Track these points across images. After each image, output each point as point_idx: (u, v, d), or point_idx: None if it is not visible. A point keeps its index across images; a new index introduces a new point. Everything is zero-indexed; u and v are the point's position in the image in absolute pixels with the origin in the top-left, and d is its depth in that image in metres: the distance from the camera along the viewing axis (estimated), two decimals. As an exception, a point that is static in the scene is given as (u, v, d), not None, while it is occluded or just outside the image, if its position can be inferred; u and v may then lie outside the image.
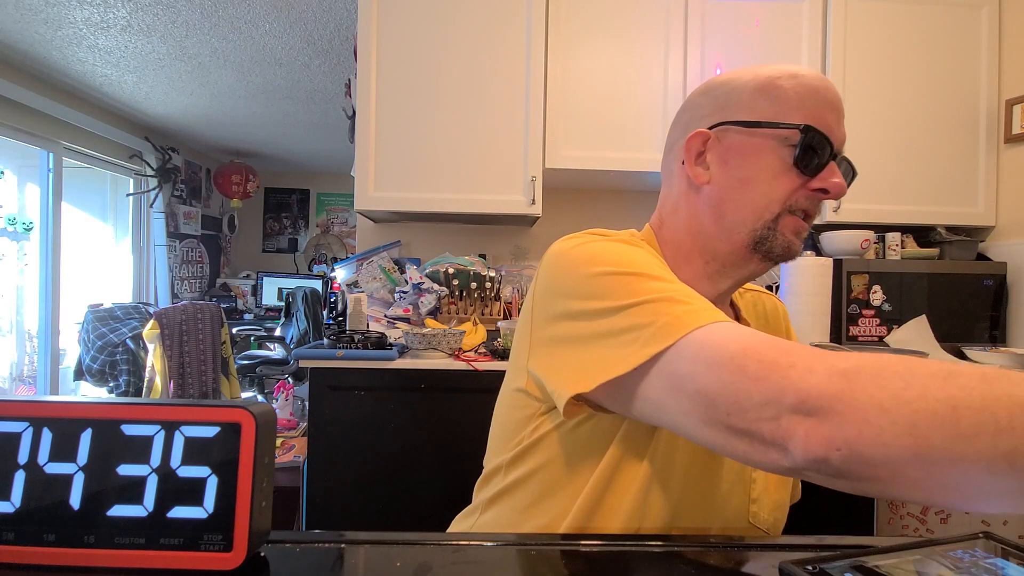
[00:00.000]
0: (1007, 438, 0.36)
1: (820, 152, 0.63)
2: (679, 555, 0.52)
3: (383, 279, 2.06)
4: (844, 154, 0.66)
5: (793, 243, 0.65)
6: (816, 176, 0.63)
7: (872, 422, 0.39)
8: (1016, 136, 1.99)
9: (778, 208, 0.64)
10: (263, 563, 0.46)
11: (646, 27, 1.97)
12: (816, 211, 0.67)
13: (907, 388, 0.39)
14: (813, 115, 0.63)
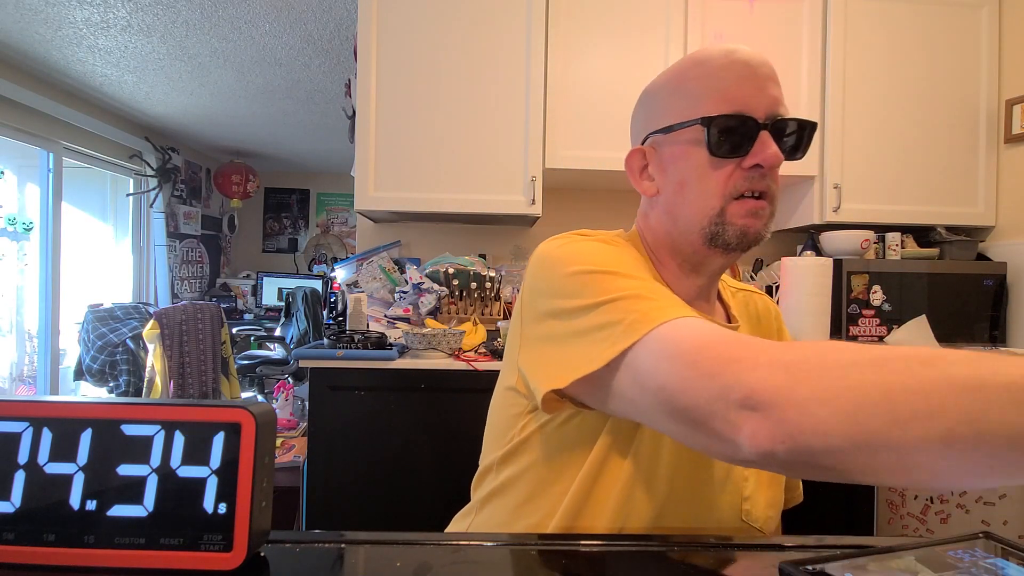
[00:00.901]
0: (940, 421, 0.36)
1: (737, 133, 0.62)
2: (679, 555, 0.52)
3: (383, 279, 2.06)
4: (780, 113, 0.64)
5: (749, 226, 0.64)
6: (748, 154, 0.63)
7: (813, 414, 0.39)
8: (1016, 136, 1.99)
9: (718, 202, 0.64)
10: (263, 563, 0.46)
11: (646, 26, 1.97)
12: (766, 185, 0.65)
13: (845, 377, 0.40)
14: (724, 97, 0.63)
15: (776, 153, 0.62)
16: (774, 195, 0.65)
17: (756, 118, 0.63)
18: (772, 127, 0.63)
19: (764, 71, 0.64)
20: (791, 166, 2.00)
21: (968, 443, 0.36)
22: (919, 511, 1.65)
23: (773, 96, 0.63)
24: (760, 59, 0.64)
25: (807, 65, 2.00)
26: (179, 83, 3.26)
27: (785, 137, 0.65)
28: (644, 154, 0.71)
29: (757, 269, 2.23)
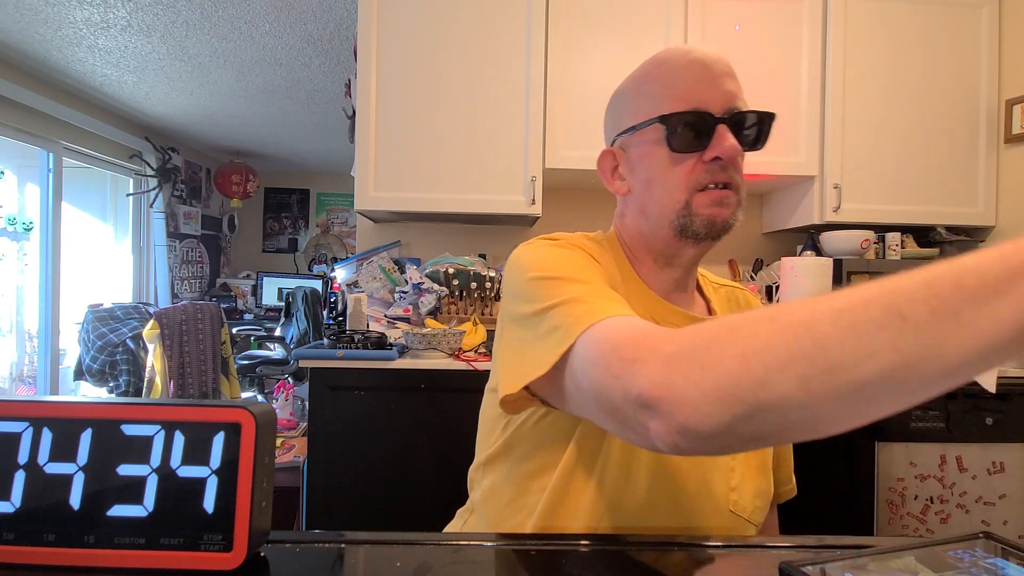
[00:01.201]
0: (791, 370, 0.37)
1: (695, 128, 0.66)
2: (679, 555, 0.52)
3: (383, 279, 2.06)
4: (737, 107, 0.66)
5: (716, 215, 0.67)
6: (708, 148, 0.66)
7: (692, 402, 0.41)
8: (1016, 136, 1.99)
9: (683, 195, 0.67)
10: (263, 563, 0.46)
11: (646, 27, 1.97)
12: (728, 176, 0.67)
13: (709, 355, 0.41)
14: (682, 96, 0.66)
15: (733, 145, 0.65)
16: (739, 184, 0.68)
17: (713, 113, 0.65)
18: (730, 121, 0.66)
19: (719, 68, 0.67)
20: (791, 166, 2.00)
21: (822, 381, 0.36)
22: (919, 511, 1.65)
23: (729, 91, 0.66)
24: (715, 57, 0.67)
25: (807, 65, 2.00)
26: (179, 83, 3.26)
27: (745, 129, 0.67)
28: (614, 155, 0.74)
29: (757, 269, 2.23)
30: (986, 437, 1.65)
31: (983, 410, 1.65)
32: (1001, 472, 1.65)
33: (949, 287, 0.34)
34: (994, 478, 1.65)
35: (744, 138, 0.67)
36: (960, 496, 1.65)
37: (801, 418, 0.39)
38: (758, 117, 0.68)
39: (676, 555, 0.52)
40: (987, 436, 1.65)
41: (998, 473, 1.65)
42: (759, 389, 0.38)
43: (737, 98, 0.67)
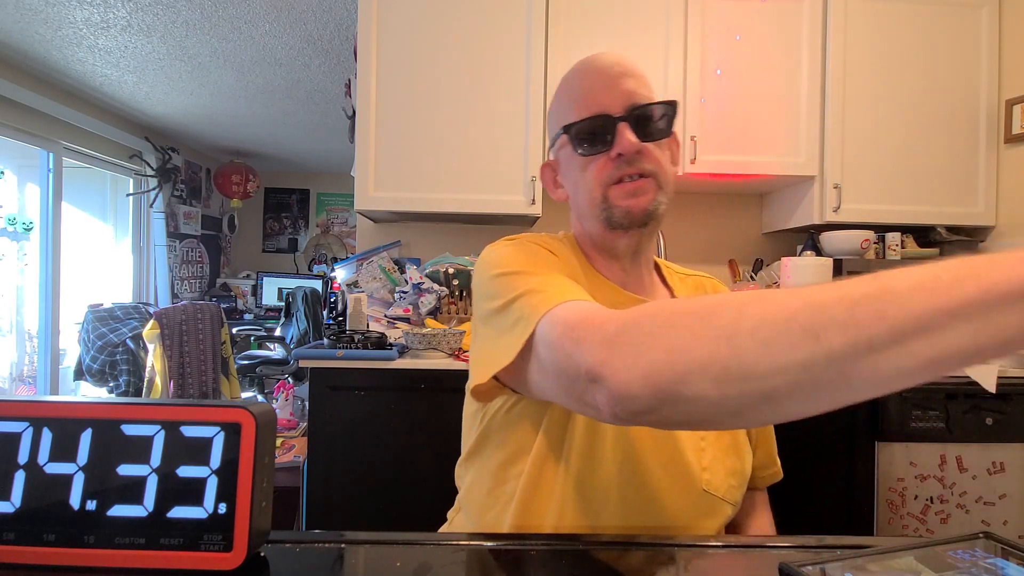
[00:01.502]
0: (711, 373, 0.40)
1: (597, 131, 0.71)
2: (679, 555, 0.52)
3: (383, 279, 2.06)
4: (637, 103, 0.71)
5: (632, 205, 0.71)
6: (612, 146, 0.71)
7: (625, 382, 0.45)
8: (1016, 136, 1.99)
9: (599, 191, 0.73)
10: (263, 563, 0.46)
11: (646, 27, 1.97)
12: (639, 167, 0.71)
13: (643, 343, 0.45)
14: (582, 105, 0.72)
15: (631, 141, 0.69)
16: (654, 173, 0.72)
17: (611, 114, 0.71)
18: (630, 117, 0.70)
19: (616, 70, 0.72)
20: (791, 166, 2.00)
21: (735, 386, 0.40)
22: (919, 511, 1.65)
23: (627, 90, 0.71)
24: (612, 61, 0.73)
25: (807, 65, 2.00)
26: (179, 83, 3.26)
27: (647, 121, 0.71)
28: (552, 166, 0.82)
29: (757, 269, 2.23)
30: (986, 437, 1.65)
31: (983, 410, 1.65)
32: (1001, 472, 1.65)
33: (870, 316, 0.36)
34: (994, 478, 1.65)
35: (650, 130, 0.71)
36: (960, 496, 1.65)
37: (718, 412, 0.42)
38: (658, 108, 0.72)
39: (676, 555, 0.52)
40: (987, 436, 1.65)
41: (998, 473, 1.65)
42: (679, 383, 0.42)
43: (636, 95, 0.71)
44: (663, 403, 0.43)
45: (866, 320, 0.36)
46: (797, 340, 0.37)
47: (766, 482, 0.85)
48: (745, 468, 0.75)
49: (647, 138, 0.71)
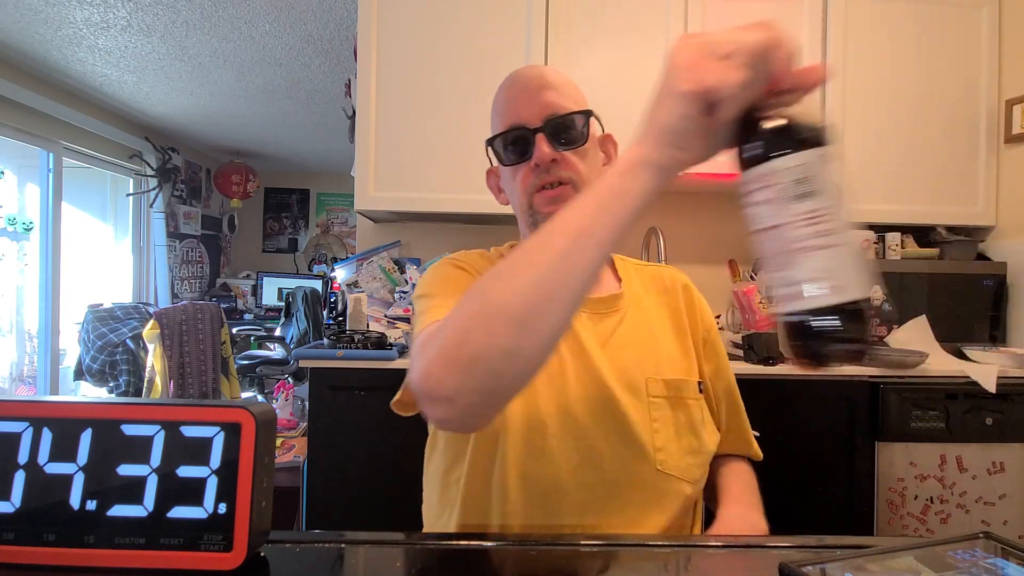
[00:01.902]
0: (479, 331, 0.48)
1: (514, 143, 0.76)
2: (680, 555, 0.52)
3: (383, 279, 2.06)
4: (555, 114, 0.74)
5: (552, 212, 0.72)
6: (532, 157, 0.75)
7: (427, 371, 0.50)
8: (1016, 136, 1.99)
9: (525, 199, 0.78)
10: (263, 563, 0.46)
11: (646, 27, 1.97)
12: (557, 175, 0.75)
13: (438, 334, 0.51)
14: (507, 116, 0.77)
15: (543, 152, 0.73)
16: (572, 179, 0.75)
17: (529, 125, 0.75)
18: (547, 128, 0.74)
19: (535, 83, 0.76)
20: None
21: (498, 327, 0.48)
22: (919, 511, 1.65)
23: (545, 101, 0.75)
24: (533, 74, 0.78)
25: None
26: (179, 83, 3.26)
27: (564, 130, 0.75)
28: (495, 174, 0.86)
29: (757, 269, 2.23)
30: (986, 437, 1.65)
31: (983, 410, 1.65)
32: (1001, 472, 1.65)
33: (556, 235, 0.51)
34: (994, 478, 1.65)
35: (567, 138, 0.75)
36: (960, 496, 1.65)
37: (501, 351, 0.48)
38: (573, 117, 0.75)
39: (676, 555, 0.52)
40: (987, 436, 1.65)
41: (998, 473, 1.65)
42: (462, 346, 0.48)
43: (555, 105, 0.75)
44: (460, 373, 0.48)
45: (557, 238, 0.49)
46: (522, 269, 0.49)
47: (758, 451, 0.89)
48: (705, 446, 0.78)
49: (565, 146, 0.75)
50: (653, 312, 0.83)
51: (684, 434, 0.75)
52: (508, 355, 0.48)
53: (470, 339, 0.48)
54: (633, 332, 0.79)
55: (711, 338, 0.84)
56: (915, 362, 1.69)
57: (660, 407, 0.75)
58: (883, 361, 1.68)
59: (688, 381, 0.78)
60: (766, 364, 1.68)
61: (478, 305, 0.50)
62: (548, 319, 0.48)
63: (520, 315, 0.47)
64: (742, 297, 1.97)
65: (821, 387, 1.67)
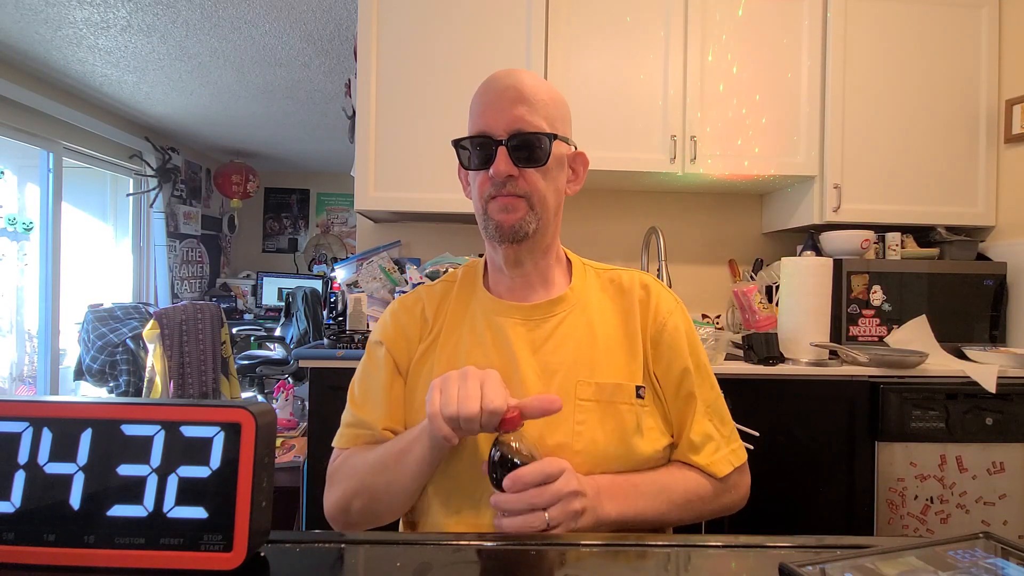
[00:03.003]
0: (360, 499, 0.77)
1: (477, 150, 0.78)
2: (680, 555, 0.52)
3: (383, 279, 2.06)
4: (520, 129, 0.76)
5: (502, 221, 0.78)
6: (491, 166, 0.76)
7: (327, 506, 0.80)
8: (1016, 136, 1.99)
9: (481, 204, 0.80)
10: (263, 563, 0.46)
11: (646, 27, 1.97)
12: (514, 188, 0.77)
13: (331, 485, 0.81)
14: (476, 122, 0.79)
15: (498, 169, 0.75)
16: (527, 195, 0.77)
17: (493, 136, 0.76)
18: (509, 143, 0.75)
19: (509, 94, 0.77)
20: (791, 166, 2.00)
21: (368, 503, 0.77)
22: (919, 511, 1.65)
23: (514, 115, 0.76)
24: (508, 84, 0.78)
25: (807, 65, 2.00)
26: (179, 83, 3.26)
27: (525, 148, 0.76)
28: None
29: (757, 269, 2.23)
30: (986, 437, 1.65)
31: (983, 410, 1.65)
32: (1001, 472, 1.65)
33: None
34: (994, 478, 1.65)
35: (527, 157, 0.76)
36: (960, 496, 1.65)
37: (371, 512, 0.77)
38: (538, 138, 0.76)
39: (676, 555, 0.52)
40: (987, 436, 1.65)
41: (998, 473, 1.65)
42: (348, 507, 0.77)
43: (522, 121, 0.76)
44: (344, 513, 0.77)
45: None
46: (382, 472, 0.75)
47: (719, 465, 0.79)
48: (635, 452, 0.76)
49: (525, 163, 0.76)
50: (600, 315, 0.82)
51: (610, 439, 0.75)
52: (377, 514, 0.77)
53: (353, 503, 0.76)
54: (570, 335, 0.80)
55: (663, 338, 0.81)
56: (915, 362, 1.69)
57: (587, 410, 0.76)
58: (883, 361, 1.68)
59: (624, 386, 0.77)
60: (766, 364, 1.68)
61: (358, 484, 0.76)
62: (397, 500, 0.76)
63: (381, 494, 0.75)
64: (742, 297, 1.97)
65: (821, 387, 1.67)
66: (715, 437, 0.80)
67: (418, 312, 0.86)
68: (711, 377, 0.84)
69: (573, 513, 0.65)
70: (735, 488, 0.81)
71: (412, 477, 0.73)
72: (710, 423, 0.80)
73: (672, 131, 1.96)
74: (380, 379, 0.82)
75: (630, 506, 0.72)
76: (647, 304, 0.84)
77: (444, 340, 0.83)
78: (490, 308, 0.83)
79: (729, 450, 0.80)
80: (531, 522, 0.63)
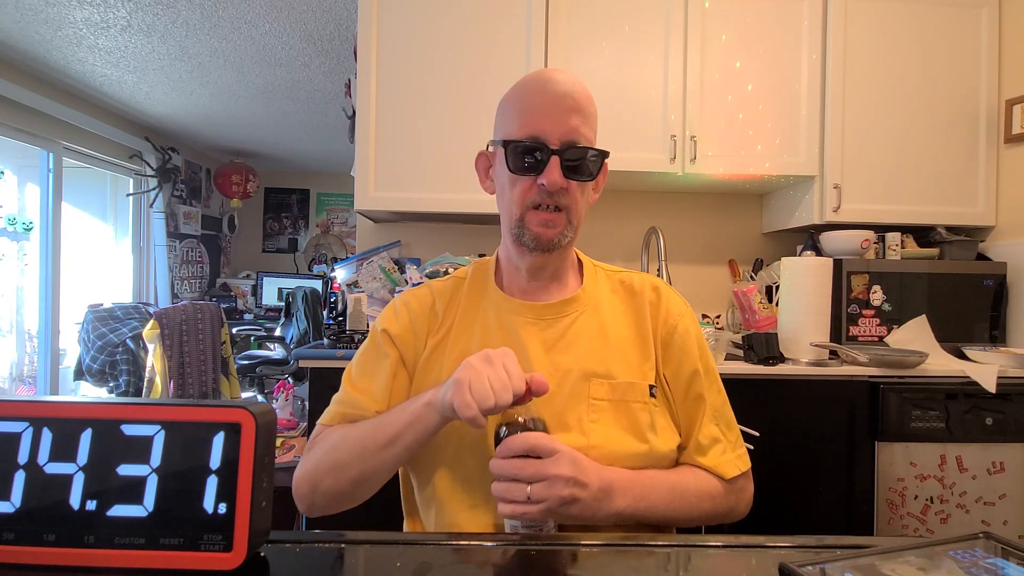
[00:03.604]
0: (329, 476, 0.75)
1: (531, 155, 0.75)
2: (680, 555, 0.52)
3: (383, 279, 2.06)
4: (575, 141, 0.75)
5: (541, 234, 0.77)
6: (541, 173, 0.75)
7: (296, 481, 0.77)
8: (1016, 136, 1.99)
9: (518, 210, 0.78)
10: (263, 563, 0.46)
11: (646, 27, 1.97)
12: (557, 200, 0.76)
13: (306, 459, 0.78)
14: (526, 123, 0.76)
15: (554, 180, 0.74)
16: (569, 208, 0.77)
17: (549, 144, 0.74)
18: (563, 154, 0.74)
19: (567, 103, 0.75)
20: (791, 166, 2.00)
21: (337, 478, 0.75)
22: (919, 511, 1.65)
23: (571, 126, 0.75)
24: (566, 91, 0.75)
25: (807, 65, 2.00)
26: (179, 83, 3.26)
27: (577, 163, 0.76)
28: (488, 157, 0.85)
29: (757, 269, 2.23)
30: (986, 437, 1.65)
31: (983, 410, 1.65)
32: (1001, 472, 1.65)
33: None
34: (994, 478, 1.65)
35: (576, 171, 0.76)
36: (960, 496, 1.65)
37: (339, 493, 0.75)
38: (589, 154, 0.76)
39: (676, 555, 0.52)
40: (987, 436, 1.65)
41: (998, 473, 1.65)
42: (319, 482, 0.75)
43: (577, 133, 0.75)
44: (312, 491, 0.75)
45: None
46: (361, 448, 0.73)
47: (726, 467, 0.79)
48: (654, 449, 0.75)
49: (574, 176, 0.76)
50: (612, 316, 0.83)
51: (625, 436, 0.75)
52: (344, 495, 0.75)
53: (324, 481, 0.74)
54: (582, 335, 0.80)
55: (674, 340, 0.82)
56: (915, 362, 1.69)
57: (600, 409, 0.76)
58: (883, 361, 1.68)
59: (637, 385, 0.78)
60: (766, 364, 1.68)
61: (333, 461, 0.74)
62: (369, 485, 0.76)
63: (355, 476, 0.74)
64: (742, 297, 1.97)
65: (821, 387, 1.67)
66: (722, 440, 0.80)
67: (428, 305, 0.86)
68: (719, 383, 0.84)
69: (559, 498, 0.64)
70: (740, 493, 0.81)
71: (395, 462, 0.72)
72: (717, 428, 0.81)
73: (672, 131, 1.96)
74: (383, 366, 0.81)
75: (642, 500, 0.71)
76: (657, 306, 0.84)
77: (455, 338, 0.82)
78: (503, 307, 0.83)
79: (735, 455, 0.81)
80: (512, 491, 0.63)
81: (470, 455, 0.75)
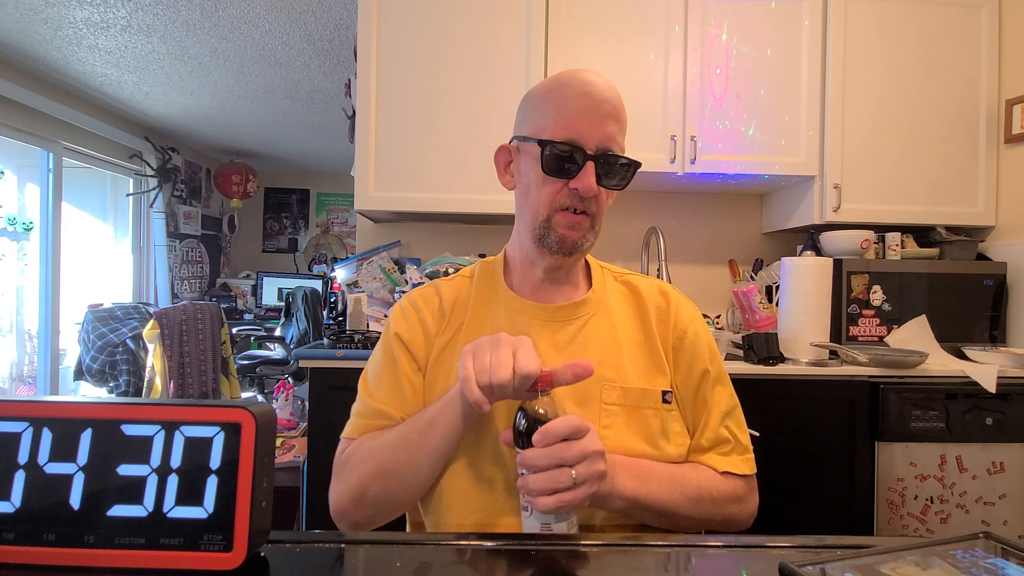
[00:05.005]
0: (375, 485, 0.73)
1: (567, 158, 0.74)
2: (680, 555, 0.52)
3: (383, 279, 2.06)
4: (610, 149, 0.75)
5: (567, 236, 0.78)
6: (574, 177, 0.74)
7: (334, 498, 0.75)
8: (1016, 136, 1.99)
9: (546, 211, 0.78)
10: (263, 563, 0.46)
11: (646, 27, 1.97)
12: (587, 205, 0.76)
13: (344, 473, 0.76)
14: (564, 124, 0.75)
15: (590, 185, 0.74)
16: (595, 214, 0.78)
17: (586, 149, 0.74)
18: (598, 160, 0.74)
19: (606, 108, 0.75)
20: (791, 166, 2.00)
21: (383, 487, 0.73)
22: (919, 511, 1.65)
23: (608, 133, 0.75)
24: (606, 96, 0.76)
25: (807, 65, 2.00)
26: (179, 83, 3.26)
27: (611, 170, 0.76)
28: (510, 151, 0.85)
29: (757, 269, 2.23)
30: (986, 437, 1.65)
31: (983, 410, 1.65)
32: (1001, 472, 1.65)
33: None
34: (994, 478, 1.65)
35: (608, 178, 0.76)
36: (960, 496, 1.65)
37: (388, 499, 0.73)
38: (624, 163, 0.77)
39: (676, 555, 0.52)
40: (987, 436, 1.65)
41: (998, 473, 1.65)
42: (365, 493, 0.72)
43: (613, 140, 0.75)
44: (355, 503, 0.73)
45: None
46: (402, 451, 0.73)
47: (731, 467, 0.80)
48: (666, 456, 0.76)
49: (605, 184, 0.76)
50: (621, 319, 0.82)
51: (637, 441, 0.75)
52: (396, 498, 0.73)
53: (370, 488, 0.72)
54: (594, 338, 0.80)
55: (684, 344, 0.82)
56: (915, 362, 1.69)
57: (612, 414, 0.75)
58: (883, 361, 1.68)
59: (649, 391, 0.77)
60: (766, 364, 1.68)
61: (376, 466, 0.72)
62: (419, 479, 0.72)
63: (402, 474, 0.72)
64: (742, 297, 1.97)
65: (821, 387, 1.67)
66: (730, 441, 0.80)
67: (435, 305, 0.85)
68: (730, 387, 0.84)
69: (598, 473, 0.63)
70: (746, 498, 0.80)
71: (437, 449, 0.71)
72: (725, 430, 0.80)
73: (672, 131, 1.96)
74: (398, 371, 0.81)
75: (643, 486, 0.71)
76: (667, 311, 0.84)
77: (465, 338, 0.81)
78: (513, 308, 0.83)
79: (742, 458, 0.80)
80: (558, 478, 0.60)
81: (478, 455, 0.74)
